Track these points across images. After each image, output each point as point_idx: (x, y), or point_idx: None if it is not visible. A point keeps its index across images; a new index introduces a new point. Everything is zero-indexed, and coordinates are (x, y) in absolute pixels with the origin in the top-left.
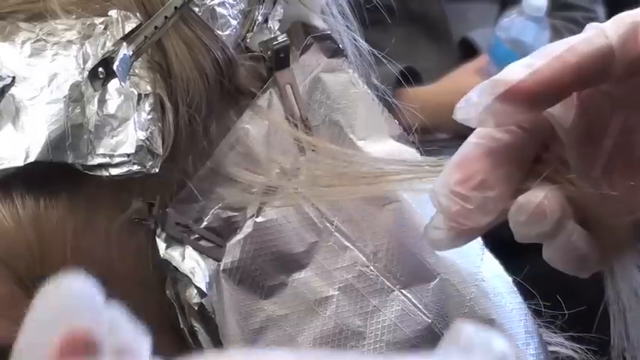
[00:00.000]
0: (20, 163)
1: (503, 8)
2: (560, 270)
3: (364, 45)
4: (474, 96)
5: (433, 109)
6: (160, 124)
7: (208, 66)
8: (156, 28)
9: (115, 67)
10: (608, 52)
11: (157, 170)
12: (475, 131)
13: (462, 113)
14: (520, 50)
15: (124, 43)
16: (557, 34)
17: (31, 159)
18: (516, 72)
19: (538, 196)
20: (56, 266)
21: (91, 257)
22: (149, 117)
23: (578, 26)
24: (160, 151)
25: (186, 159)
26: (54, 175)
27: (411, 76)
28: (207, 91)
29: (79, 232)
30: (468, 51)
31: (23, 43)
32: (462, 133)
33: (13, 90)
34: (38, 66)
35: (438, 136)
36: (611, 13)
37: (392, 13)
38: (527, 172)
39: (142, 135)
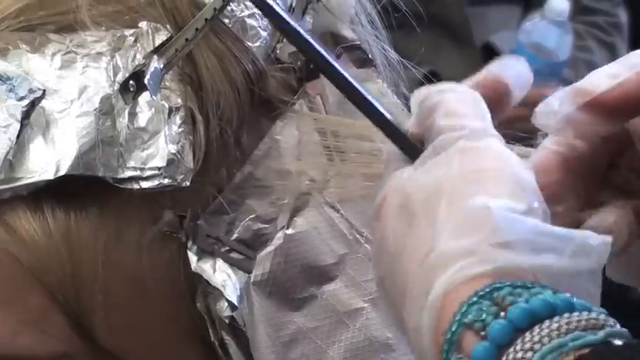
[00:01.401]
0: (51, 176)
1: (526, 12)
2: (621, 282)
3: (393, 54)
4: (555, 103)
5: None
6: (190, 137)
7: (239, 78)
8: (187, 40)
9: (146, 81)
10: None
11: (188, 183)
12: (553, 138)
13: (543, 118)
14: (542, 54)
15: (155, 56)
16: (579, 39)
17: (62, 172)
18: (600, 82)
19: (607, 220)
20: (87, 279)
21: (122, 270)
22: (180, 130)
23: (600, 30)
24: (191, 164)
25: (218, 171)
26: (84, 188)
27: (435, 80)
28: (238, 103)
29: (109, 245)
30: (490, 55)
31: (53, 55)
32: None
33: (43, 102)
34: (68, 78)
35: None
36: (633, 16)
37: (415, 18)
38: (600, 179)
39: (172, 148)
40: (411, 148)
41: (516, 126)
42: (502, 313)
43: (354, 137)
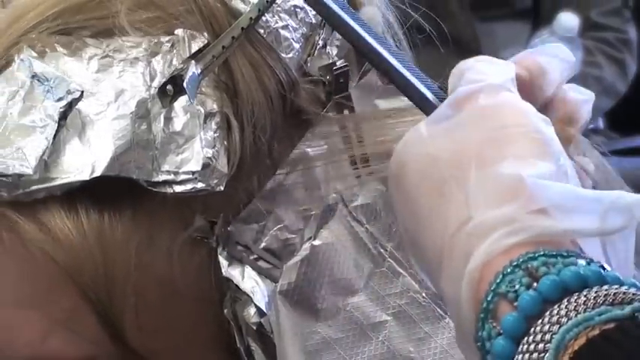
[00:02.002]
0: (86, 177)
1: (535, 28)
2: None
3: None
4: None
5: None
6: (225, 143)
7: (272, 87)
8: (223, 47)
9: (184, 85)
10: None
11: (222, 188)
12: None
13: None
14: None
15: (193, 62)
16: (588, 54)
17: (97, 173)
18: None
19: None
20: (119, 280)
21: (153, 273)
22: (215, 135)
23: (610, 47)
24: (226, 169)
25: (250, 178)
26: (118, 190)
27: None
28: (272, 112)
29: (141, 248)
30: None
31: (90, 58)
32: None
33: (79, 105)
34: (105, 82)
35: None
36: None
37: (423, 34)
38: None
39: (208, 153)
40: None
41: None
42: (534, 284)
43: (380, 155)
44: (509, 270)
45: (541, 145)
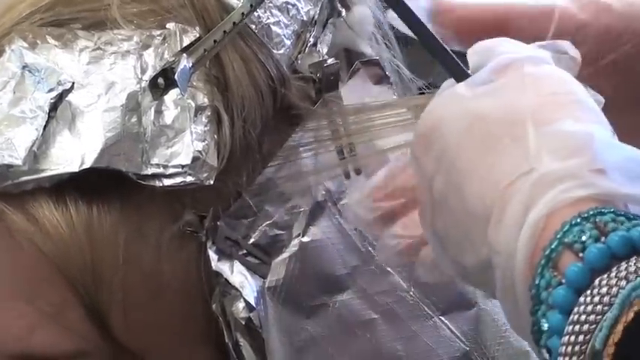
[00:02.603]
0: (75, 168)
1: None
2: None
3: (407, 73)
4: None
5: None
6: (216, 137)
7: (263, 82)
8: (215, 41)
9: (175, 78)
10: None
11: (212, 182)
12: None
13: None
14: None
15: (184, 55)
16: None
17: (87, 165)
18: None
19: None
20: (107, 273)
21: (141, 266)
22: (206, 129)
23: None
24: (216, 163)
25: (240, 173)
26: (107, 182)
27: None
28: (262, 107)
29: (130, 241)
30: None
31: (81, 50)
32: None
33: (70, 97)
34: (96, 74)
35: None
36: None
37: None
38: None
39: (198, 146)
40: (463, 75)
41: None
42: (602, 238)
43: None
44: (577, 221)
45: (594, 113)
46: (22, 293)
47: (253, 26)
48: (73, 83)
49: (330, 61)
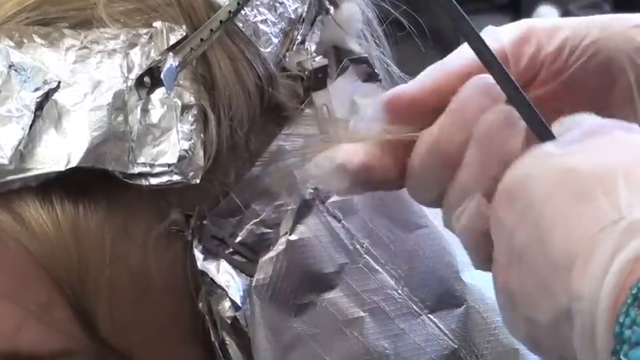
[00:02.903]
0: (61, 167)
1: (514, 21)
2: None
3: (396, 70)
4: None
5: None
6: (202, 135)
7: (250, 80)
8: (201, 40)
9: (162, 77)
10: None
11: (198, 181)
12: None
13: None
14: None
15: (171, 54)
16: None
17: (73, 164)
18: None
19: None
20: (94, 272)
21: (127, 265)
22: (192, 128)
23: None
24: (202, 162)
25: (227, 172)
26: (94, 181)
27: None
28: (249, 105)
29: (116, 240)
30: None
31: (68, 49)
32: None
33: (56, 95)
34: (82, 73)
35: None
36: None
37: (403, 28)
38: None
39: (184, 145)
40: (548, 135)
41: None
42: None
43: None
44: None
45: None
46: (8, 293)
47: (240, 24)
48: (59, 82)
49: (318, 59)
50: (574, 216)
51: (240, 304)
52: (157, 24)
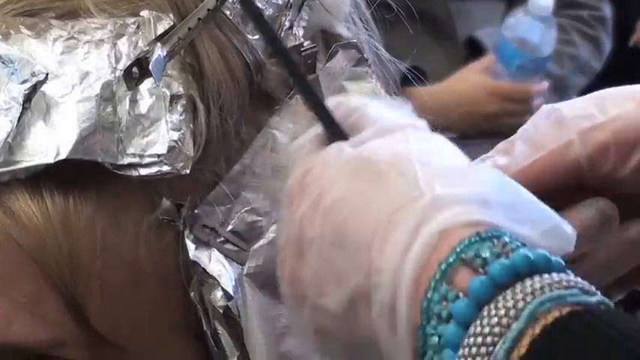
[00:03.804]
0: (50, 160)
1: (509, 7)
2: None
3: (385, 54)
4: None
5: (440, 109)
6: (191, 126)
7: (239, 68)
8: (189, 29)
9: (150, 67)
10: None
11: (188, 171)
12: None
13: None
14: (526, 49)
15: (159, 44)
16: (563, 32)
17: (62, 156)
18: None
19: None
20: (84, 264)
21: (118, 256)
22: (181, 118)
23: (584, 24)
24: (192, 152)
25: (217, 161)
26: (83, 173)
27: (418, 76)
28: (238, 94)
29: (107, 231)
30: (474, 50)
31: (55, 40)
32: (467, 133)
33: (44, 87)
34: (70, 64)
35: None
36: (617, 9)
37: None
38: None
39: (173, 135)
40: (341, 136)
41: (502, 120)
42: (503, 257)
43: None
44: (476, 239)
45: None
46: None
47: (228, 12)
48: (47, 74)
49: (306, 44)
50: (369, 199)
51: (232, 294)
52: (144, 13)
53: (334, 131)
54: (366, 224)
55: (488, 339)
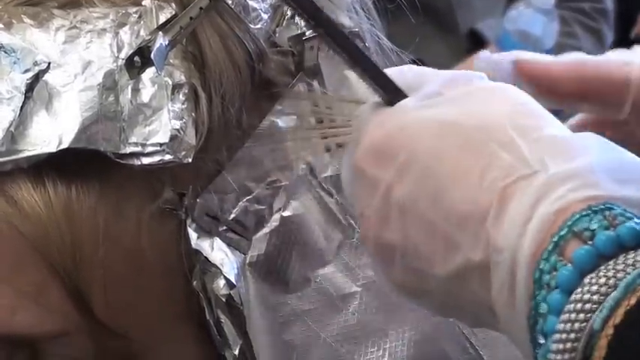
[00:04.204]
0: (53, 149)
1: (511, 0)
2: None
3: (387, 43)
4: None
5: None
6: (193, 114)
7: (241, 58)
8: (191, 18)
9: (152, 56)
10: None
11: (190, 160)
12: None
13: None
14: (528, 42)
15: (160, 33)
16: (565, 25)
17: (64, 145)
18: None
19: None
20: (87, 253)
21: (121, 245)
22: (183, 107)
23: (586, 17)
24: (194, 141)
25: (219, 150)
26: (86, 162)
27: None
28: (240, 83)
29: (109, 220)
30: (476, 42)
31: (57, 30)
32: None
33: (46, 76)
34: (72, 53)
35: None
36: (618, 1)
37: (399, 4)
38: None
39: (175, 124)
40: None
41: None
42: (612, 229)
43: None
44: (587, 212)
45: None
46: (2, 275)
47: (230, 1)
48: (49, 63)
49: (308, 33)
50: (476, 169)
51: (234, 282)
52: (146, 2)
53: (395, 93)
54: (475, 197)
55: (587, 306)
